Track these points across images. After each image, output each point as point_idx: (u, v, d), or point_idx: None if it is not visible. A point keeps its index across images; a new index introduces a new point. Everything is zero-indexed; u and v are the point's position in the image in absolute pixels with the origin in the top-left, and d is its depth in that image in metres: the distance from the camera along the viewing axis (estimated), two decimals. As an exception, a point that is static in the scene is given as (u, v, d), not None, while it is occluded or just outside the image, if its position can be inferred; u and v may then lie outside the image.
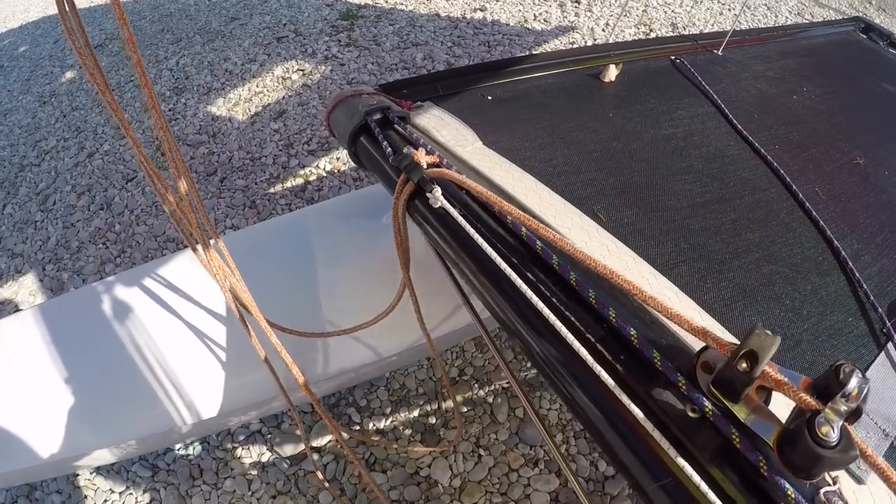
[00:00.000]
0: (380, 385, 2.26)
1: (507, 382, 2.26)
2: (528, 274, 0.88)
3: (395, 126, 1.29)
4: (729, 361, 0.65)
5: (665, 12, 5.10)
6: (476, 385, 2.27)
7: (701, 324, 0.70)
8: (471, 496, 1.98)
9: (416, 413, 2.19)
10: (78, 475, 2.06)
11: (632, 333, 0.75)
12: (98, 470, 2.06)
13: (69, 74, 4.60)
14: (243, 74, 4.14)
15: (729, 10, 5.30)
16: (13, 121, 4.16)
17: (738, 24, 5.02)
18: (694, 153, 1.49)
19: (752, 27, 4.92)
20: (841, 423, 0.59)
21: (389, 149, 1.17)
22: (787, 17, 5.28)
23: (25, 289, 2.84)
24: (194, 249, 1.37)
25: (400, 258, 1.26)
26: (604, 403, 0.75)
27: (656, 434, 0.68)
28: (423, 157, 1.10)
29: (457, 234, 1.00)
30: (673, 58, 1.99)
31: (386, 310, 1.40)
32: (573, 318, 0.81)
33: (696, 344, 0.78)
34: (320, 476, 1.94)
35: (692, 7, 5.23)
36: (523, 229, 0.92)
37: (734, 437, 0.66)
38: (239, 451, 2.08)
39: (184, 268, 1.75)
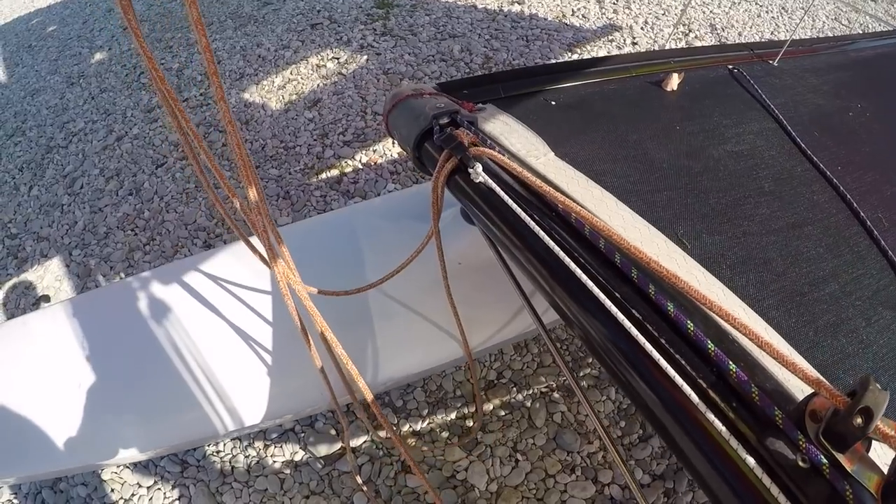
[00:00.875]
0: (416, 386, 2.23)
1: (546, 387, 2.23)
2: (602, 277, 0.87)
3: (465, 131, 1.24)
4: (844, 416, 0.63)
5: (704, 12, 5.01)
6: (514, 388, 2.23)
7: (808, 369, 0.67)
8: (507, 501, 1.96)
9: (453, 415, 2.16)
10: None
11: (732, 370, 0.73)
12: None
13: (98, 56, 4.58)
14: (276, 61, 4.10)
15: (767, 12, 5.21)
16: (41, 101, 4.15)
17: (778, 30, 4.94)
18: (763, 173, 1.44)
19: (791, 35, 4.86)
20: None
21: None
22: (823, 22, 5.19)
23: (51, 273, 2.83)
24: (263, 257, 1.29)
25: (435, 234, 1.27)
26: (711, 450, 0.72)
27: (767, 482, 0.66)
28: (465, 137, 1.13)
29: (499, 208, 1.02)
30: (731, 67, 1.95)
31: (410, 256, 1.35)
32: (671, 350, 0.78)
33: (798, 388, 0.77)
34: (358, 479, 1.92)
35: (730, 8, 5.15)
36: (601, 241, 0.90)
37: (848, 492, 0.64)
38: (272, 450, 2.06)
39: (226, 264, 1.70)
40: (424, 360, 1.69)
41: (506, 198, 0.97)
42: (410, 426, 2.13)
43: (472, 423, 2.12)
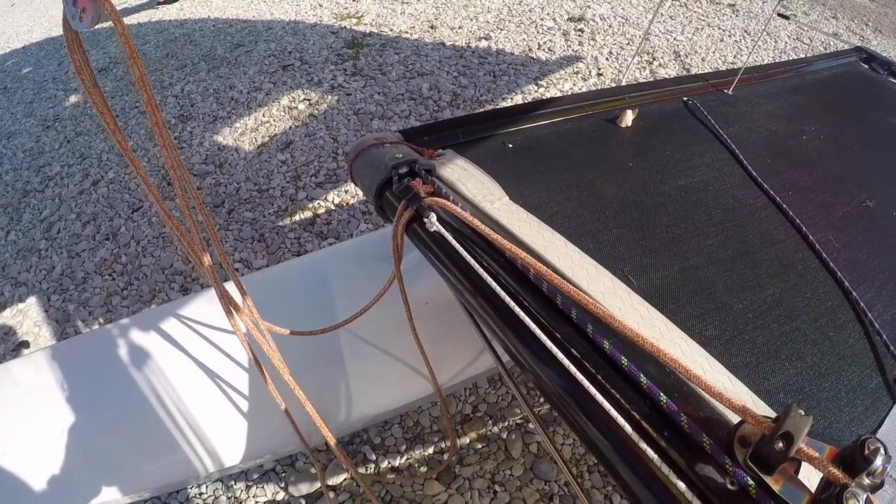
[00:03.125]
0: (394, 423, 2.26)
1: (521, 418, 2.27)
2: (544, 319, 0.93)
3: (422, 179, 1.30)
4: (767, 440, 0.68)
5: (667, 40, 5.16)
6: (490, 421, 2.27)
7: (736, 395, 0.73)
8: (486, 533, 1.99)
9: (430, 450, 2.19)
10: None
11: (663, 403, 0.79)
12: None
13: (73, 98, 4.62)
14: (249, 103, 4.17)
15: (729, 36, 5.37)
16: (16, 144, 4.17)
17: (741, 54, 5.09)
18: (713, 204, 1.50)
19: (753, 58, 5.00)
20: (866, 496, 0.63)
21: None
22: (786, 43, 5.34)
23: (30, 319, 2.83)
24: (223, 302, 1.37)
25: (397, 279, 1.34)
26: (646, 476, 0.77)
27: None
28: (421, 187, 1.20)
29: (452, 255, 1.09)
30: (686, 99, 2.01)
31: (374, 298, 1.41)
32: (608, 385, 0.83)
33: (731, 415, 0.81)
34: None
35: (693, 34, 5.30)
36: (544, 285, 0.97)
37: None
38: (253, 490, 2.08)
39: (202, 309, 1.74)
40: (397, 398, 1.72)
41: (457, 246, 1.03)
42: (389, 462, 2.15)
43: (446, 456, 2.16)
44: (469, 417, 2.29)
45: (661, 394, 0.78)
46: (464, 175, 1.37)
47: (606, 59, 4.76)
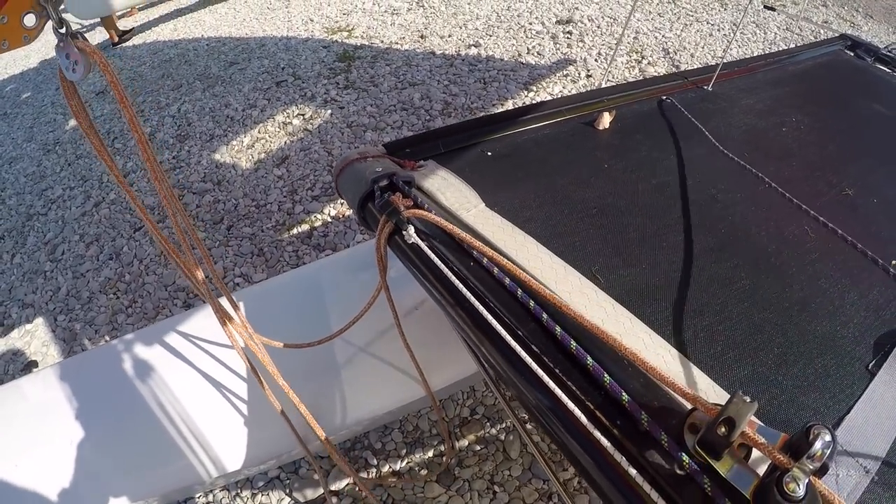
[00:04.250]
0: (394, 427, 2.31)
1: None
2: (515, 323, 0.99)
3: (402, 191, 1.36)
4: (710, 426, 0.73)
5: (656, 38, 5.20)
6: (488, 423, 2.32)
7: (688, 385, 0.77)
8: (487, 533, 2.04)
9: (430, 454, 2.25)
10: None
11: (623, 399, 0.83)
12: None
13: (73, 122, 4.70)
14: (244, 121, 4.24)
15: (718, 30, 5.39)
16: (18, 169, 4.25)
17: (730, 48, 5.11)
18: (686, 200, 1.53)
19: (742, 50, 5.03)
20: (807, 479, 0.67)
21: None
22: (775, 34, 5.36)
23: (38, 339, 2.90)
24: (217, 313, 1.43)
25: (384, 289, 1.39)
26: (603, 464, 0.82)
27: (648, 488, 0.76)
28: (400, 201, 1.24)
29: (428, 265, 1.15)
30: (664, 98, 2.02)
31: (363, 308, 1.47)
32: (570, 383, 0.89)
33: (686, 404, 0.85)
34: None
35: (682, 31, 5.34)
36: (519, 291, 1.02)
37: (707, 487, 0.74)
38: (259, 498, 2.13)
39: (205, 322, 1.81)
40: (390, 402, 1.78)
41: (433, 256, 1.09)
42: (390, 466, 2.21)
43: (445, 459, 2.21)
44: (467, 420, 2.34)
45: (623, 393, 0.84)
46: (443, 185, 1.42)
47: (595, 60, 4.81)
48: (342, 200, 3.40)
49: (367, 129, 4.00)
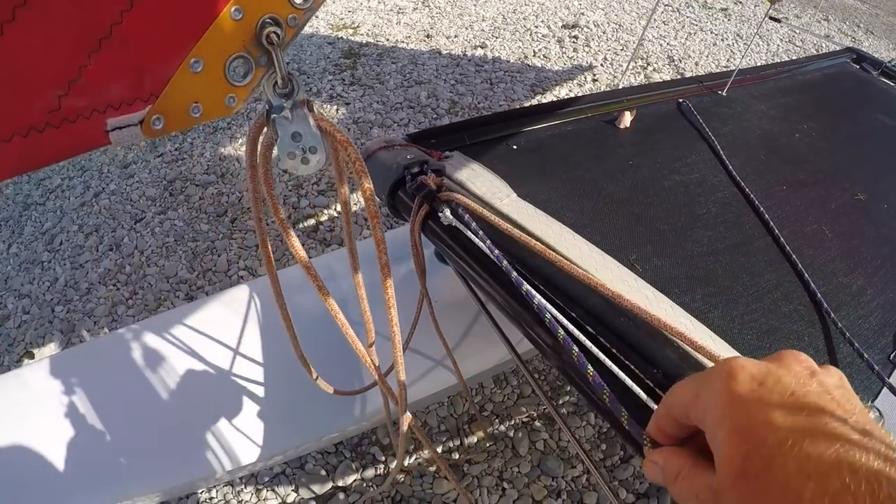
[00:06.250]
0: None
1: (528, 417, 2.31)
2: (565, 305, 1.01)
3: (434, 178, 1.34)
4: None
5: (661, 45, 5.24)
6: (497, 420, 2.31)
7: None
8: (496, 530, 2.02)
9: (439, 450, 2.23)
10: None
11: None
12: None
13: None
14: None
15: (722, 40, 5.46)
16: (16, 159, 4.19)
17: (734, 58, 5.17)
18: (710, 199, 1.56)
19: (746, 60, 5.08)
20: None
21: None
22: (778, 45, 5.43)
23: (34, 330, 2.85)
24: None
25: (418, 275, 1.35)
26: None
27: None
28: (432, 181, 1.24)
29: (468, 247, 1.16)
30: (681, 100, 2.07)
31: (410, 329, 1.45)
32: (627, 361, 0.92)
33: None
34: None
35: (686, 39, 5.38)
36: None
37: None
38: (264, 493, 2.10)
39: (213, 313, 1.78)
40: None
41: (474, 238, 1.08)
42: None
43: (477, 436, 2.19)
44: (475, 417, 2.32)
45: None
46: (472, 175, 1.41)
47: (601, 64, 4.83)
48: (356, 195, 3.40)
49: (374, 126, 3.98)
